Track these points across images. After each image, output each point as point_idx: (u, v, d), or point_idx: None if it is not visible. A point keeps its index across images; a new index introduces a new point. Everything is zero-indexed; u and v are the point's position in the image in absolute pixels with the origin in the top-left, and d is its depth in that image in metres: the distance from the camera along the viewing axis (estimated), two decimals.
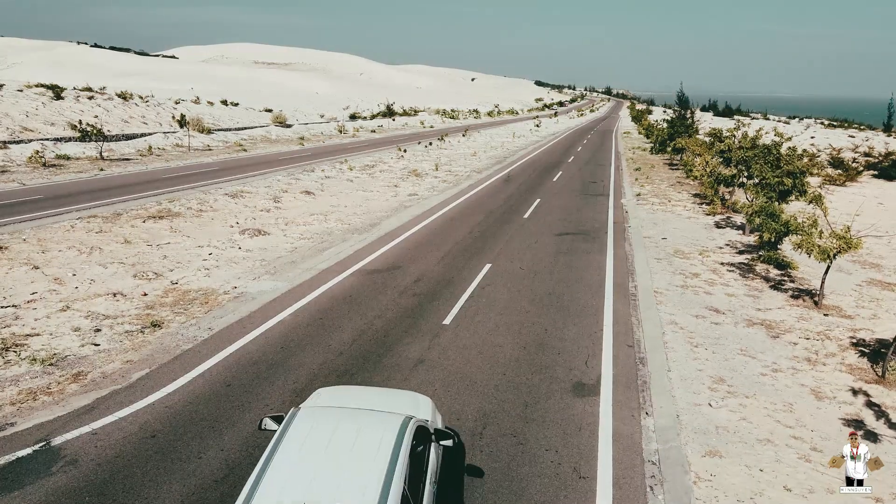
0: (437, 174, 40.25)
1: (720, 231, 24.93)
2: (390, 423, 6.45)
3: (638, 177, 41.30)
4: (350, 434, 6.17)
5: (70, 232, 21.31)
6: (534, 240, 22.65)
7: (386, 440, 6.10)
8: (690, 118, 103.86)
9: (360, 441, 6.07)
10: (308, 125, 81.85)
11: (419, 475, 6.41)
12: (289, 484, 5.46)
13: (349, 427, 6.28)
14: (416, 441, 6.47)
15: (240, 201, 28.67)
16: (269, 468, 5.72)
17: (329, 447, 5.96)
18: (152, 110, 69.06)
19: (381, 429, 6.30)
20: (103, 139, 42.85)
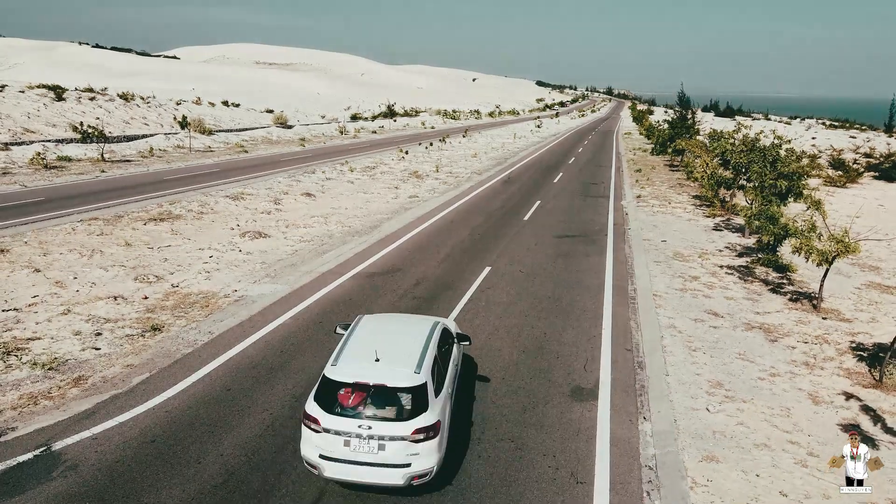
0: (437, 175, 40.31)
1: (720, 234, 24.96)
2: (425, 322, 9.94)
3: (638, 178, 41.33)
4: (399, 326, 9.87)
5: (71, 234, 21.38)
6: (533, 242, 22.70)
7: (422, 329, 9.43)
8: (691, 119, 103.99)
9: (405, 330, 9.55)
10: (309, 126, 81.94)
11: (446, 358, 9.47)
12: (363, 348, 8.63)
13: (398, 323, 10.09)
14: (442, 337, 9.55)
15: (240, 203, 28.74)
16: (349, 342, 8.93)
17: (386, 332, 9.38)
18: (154, 111, 69.22)
19: (420, 324, 9.73)
20: (104, 141, 42.90)
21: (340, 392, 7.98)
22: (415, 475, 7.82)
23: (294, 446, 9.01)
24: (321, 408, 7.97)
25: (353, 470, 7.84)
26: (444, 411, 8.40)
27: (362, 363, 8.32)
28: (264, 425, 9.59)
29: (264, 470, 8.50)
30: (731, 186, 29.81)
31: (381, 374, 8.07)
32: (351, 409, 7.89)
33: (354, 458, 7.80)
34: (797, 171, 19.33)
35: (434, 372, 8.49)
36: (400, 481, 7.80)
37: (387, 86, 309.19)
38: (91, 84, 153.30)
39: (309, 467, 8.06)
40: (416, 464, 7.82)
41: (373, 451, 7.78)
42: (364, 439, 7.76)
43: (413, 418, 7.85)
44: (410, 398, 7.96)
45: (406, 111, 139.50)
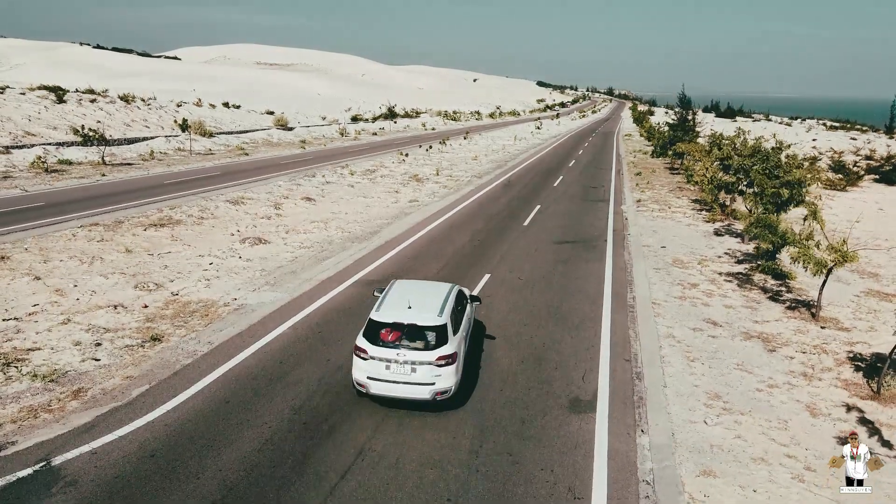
0: (437, 179, 40.35)
1: (719, 239, 24.98)
2: (445, 285, 12.53)
3: (639, 182, 41.35)
4: (425, 287, 12.43)
5: (71, 241, 21.42)
6: (533, 248, 22.73)
7: (443, 289, 12.11)
8: (692, 121, 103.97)
9: (430, 289, 12.14)
10: (310, 128, 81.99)
11: (461, 311, 12.12)
12: (399, 300, 11.25)
13: (424, 285, 12.62)
14: (458, 296, 12.25)
15: (241, 208, 28.78)
16: (388, 297, 11.59)
17: (415, 291, 11.90)
18: (154, 113, 69.25)
19: (441, 286, 12.35)
20: (105, 144, 42.95)
21: (382, 330, 10.70)
22: (438, 391, 10.41)
23: (293, 460, 9.07)
24: (368, 342, 10.65)
25: (392, 387, 10.44)
26: (459, 346, 11.09)
27: (398, 310, 11.00)
28: (263, 439, 9.62)
29: (263, 485, 8.53)
30: (731, 191, 29.84)
31: (413, 317, 10.77)
32: (390, 342, 10.59)
33: (393, 379, 10.41)
34: (799, 179, 19.31)
35: (452, 318, 11.12)
36: (427, 396, 10.40)
37: (387, 86, 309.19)
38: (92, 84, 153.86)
39: (358, 387, 10.70)
40: (439, 383, 10.42)
41: (406, 373, 10.40)
42: (400, 364, 10.39)
43: (437, 348, 10.50)
44: (435, 335, 10.62)
45: (407, 112, 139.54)
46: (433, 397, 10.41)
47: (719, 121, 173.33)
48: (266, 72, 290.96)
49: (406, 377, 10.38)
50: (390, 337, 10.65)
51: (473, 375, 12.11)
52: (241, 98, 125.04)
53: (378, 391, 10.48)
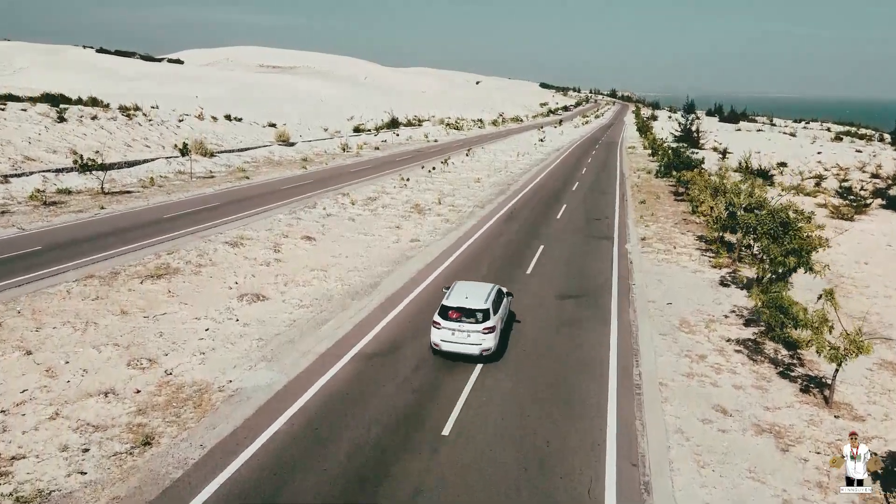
0: (439, 210, 39.89)
1: (726, 291, 24.48)
2: (489, 285, 18.23)
3: (643, 213, 40.85)
4: (476, 286, 18.00)
5: (66, 300, 21.02)
6: (537, 304, 22.28)
7: (488, 287, 17.91)
8: (696, 133, 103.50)
9: (479, 287, 17.90)
10: (311, 143, 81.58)
11: (500, 300, 17.87)
12: (459, 293, 17.32)
13: (476, 285, 18.14)
14: (498, 291, 18.06)
15: (239, 251, 28.36)
16: (452, 292, 17.67)
17: (470, 288, 17.75)
18: (155, 130, 68.85)
19: (486, 286, 18.00)
20: (104, 171, 42.57)
21: (450, 311, 16.84)
22: (483, 349, 16.56)
23: None
24: (441, 318, 16.84)
25: (455, 346, 16.63)
26: (497, 323, 17.13)
27: (460, 299, 17.23)
28: None
29: None
30: (735, 231, 29.38)
31: (469, 303, 16.98)
32: (454, 318, 16.66)
33: (456, 341, 16.55)
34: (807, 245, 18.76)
35: (493, 305, 17.25)
36: (476, 352, 16.53)
37: (390, 89, 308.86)
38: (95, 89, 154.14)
39: (434, 346, 16.98)
40: (484, 344, 16.54)
41: (464, 338, 16.50)
42: (460, 332, 16.50)
43: (483, 322, 16.58)
44: (482, 314, 16.73)
45: (409, 120, 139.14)
46: (480, 353, 16.70)
47: (723, 127, 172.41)
48: (268, 75, 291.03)
49: (464, 340, 16.63)
50: (454, 315, 16.88)
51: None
52: (243, 104, 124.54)
53: (446, 349, 16.85)
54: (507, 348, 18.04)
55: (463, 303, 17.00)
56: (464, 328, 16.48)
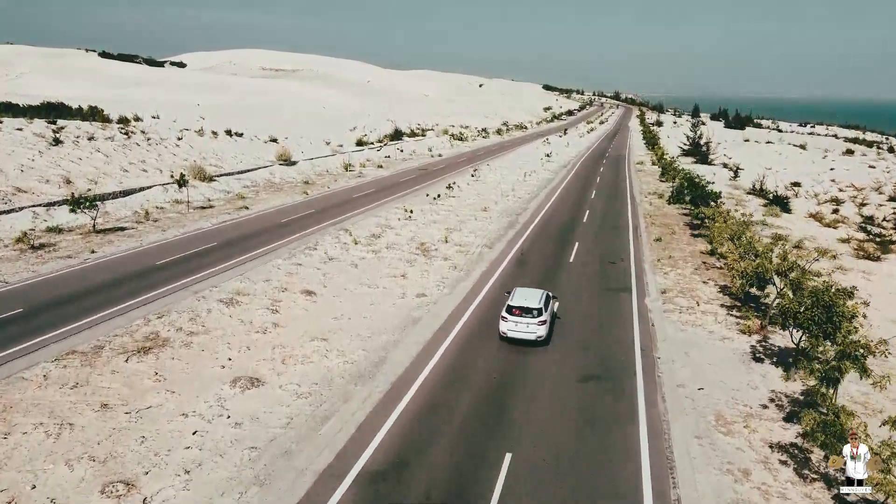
0: (446, 251, 38.03)
1: (759, 368, 22.57)
2: (541, 291, 25.13)
3: (659, 254, 38.93)
4: (532, 292, 24.82)
5: (42, 389, 19.24)
6: (556, 389, 20.44)
7: (541, 293, 24.79)
8: (705, 147, 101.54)
9: (534, 292, 24.88)
10: (313, 161, 79.88)
11: (548, 303, 24.64)
12: (519, 296, 24.27)
13: (531, 290, 25.07)
14: (548, 295, 25.21)
15: (235, 312, 26.57)
16: (514, 295, 24.55)
17: (527, 293, 24.72)
18: (153, 151, 67.14)
19: (539, 292, 24.85)
20: (95, 209, 40.80)
21: (514, 309, 23.21)
22: (537, 336, 22.98)
23: None
24: (507, 314, 23.33)
25: (517, 334, 23.10)
26: (548, 317, 23.71)
27: (520, 300, 23.60)
28: None
29: None
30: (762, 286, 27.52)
31: (527, 303, 23.37)
32: (516, 314, 23.06)
33: (518, 330, 23.06)
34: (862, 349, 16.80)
35: (544, 304, 23.63)
36: (533, 338, 22.98)
37: (393, 94, 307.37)
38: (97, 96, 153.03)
39: (501, 334, 23.50)
40: (538, 332, 22.97)
41: (525, 328, 22.98)
42: (521, 324, 22.92)
43: (538, 317, 22.97)
44: (537, 311, 23.09)
45: (413, 130, 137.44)
46: (536, 339, 23.12)
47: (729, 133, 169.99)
48: (270, 81, 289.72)
49: (524, 329, 23.06)
50: (516, 312, 23.28)
51: None
52: (245, 114, 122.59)
53: (511, 335, 23.27)
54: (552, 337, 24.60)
55: (522, 303, 23.77)
56: (524, 321, 23.25)
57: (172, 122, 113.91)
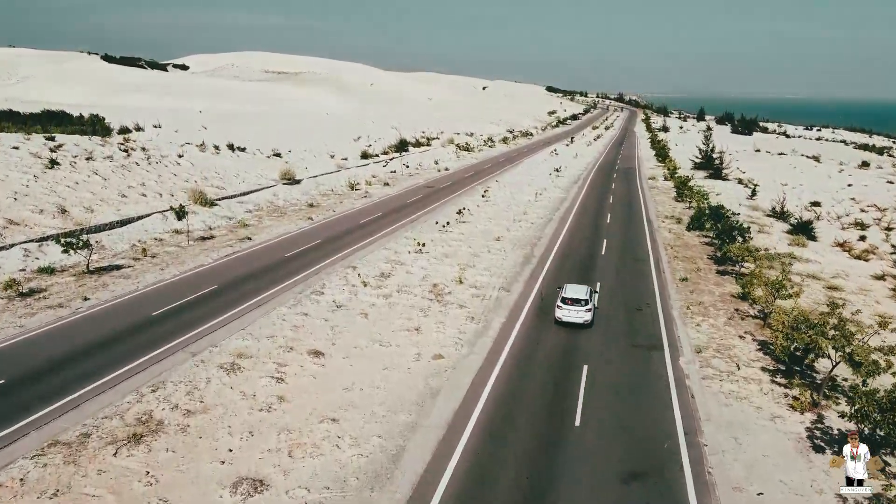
0: (461, 294, 35.76)
1: (821, 462, 20.24)
2: (586, 287, 32.88)
3: (687, 297, 36.61)
4: (579, 287, 32.60)
5: (17, 499, 17.03)
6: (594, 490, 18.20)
7: (586, 288, 32.56)
8: (719, 161, 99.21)
9: (581, 288, 32.43)
10: (318, 178, 77.81)
11: (592, 296, 32.42)
12: (570, 292, 31.84)
13: (579, 286, 32.79)
14: (590, 290, 32.61)
15: (236, 381, 24.39)
16: (566, 289, 32.22)
17: (576, 287, 32.54)
18: (154, 171, 65.09)
19: (584, 287, 32.64)
20: (89, 248, 38.57)
21: (566, 299, 31.17)
22: (585, 320, 30.57)
23: None
24: (562, 304, 31.08)
25: (569, 318, 30.68)
26: (592, 305, 31.38)
27: (571, 293, 31.41)
28: None
29: None
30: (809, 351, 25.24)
31: (576, 295, 31.20)
32: (568, 304, 30.82)
33: (569, 316, 30.65)
34: None
35: (589, 295, 31.48)
36: (581, 322, 30.53)
37: (396, 98, 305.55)
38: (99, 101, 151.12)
39: (556, 319, 31.04)
40: (585, 317, 30.59)
41: (575, 314, 30.60)
42: (572, 311, 30.57)
43: (584, 306, 30.67)
44: (584, 300, 30.87)
45: (418, 140, 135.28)
46: (584, 322, 30.19)
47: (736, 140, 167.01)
48: (273, 85, 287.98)
49: (574, 314, 30.22)
50: (569, 302, 30.49)
51: None
52: (247, 122, 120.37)
53: (565, 320, 30.38)
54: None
55: (573, 295, 31.27)
56: (574, 309, 30.65)
57: (174, 133, 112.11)
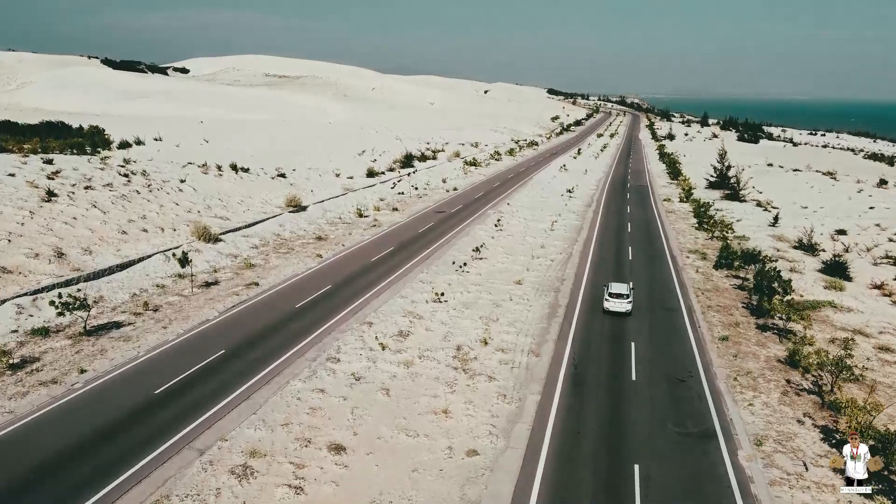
0: (488, 362, 33.10)
1: None
2: (627, 284, 43.75)
3: (730, 362, 33.88)
4: (621, 285, 43.00)
5: None
6: None
7: (627, 285, 43.39)
8: (736, 181, 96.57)
9: (622, 285, 42.99)
10: (324, 204, 75.27)
11: (631, 291, 42.77)
12: (614, 288, 42.42)
13: (620, 284, 43.41)
14: (630, 287, 43.52)
15: (249, 491, 21.77)
16: (611, 287, 42.70)
17: (617, 286, 42.72)
18: (154, 201, 62.52)
19: (626, 285, 43.49)
20: (86, 308, 35.87)
21: (611, 293, 41.78)
22: (626, 309, 40.91)
23: None
24: (609, 297, 41.58)
25: (614, 308, 41.03)
26: (631, 298, 41.68)
27: (615, 289, 41.97)
28: None
29: None
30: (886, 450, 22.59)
31: (619, 291, 41.76)
32: (613, 297, 41.37)
33: (614, 306, 41.00)
34: None
35: (630, 290, 42.40)
36: (623, 311, 40.91)
37: (398, 104, 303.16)
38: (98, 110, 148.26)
39: (605, 309, 41.26)
40: (627, 308, 40.96)
41: (619, 304, 40.96)
42: (616, 303, 41.08)
43: (626, 299, 41.20)
44: (625, 294, 41.53)
45: (423, 153, 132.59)
46: (626, 311, 40.83)
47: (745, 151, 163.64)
48: (275, 91, 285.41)
49: (618, 304, 40.88)
50: (614, 295, 41.32)
51: None
52: (249, 130, 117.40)
53: (611, 310, 40.99)
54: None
55: (616, 291, 41.40)
56: (618, 301, 40.67)
57: (175, 148, 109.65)
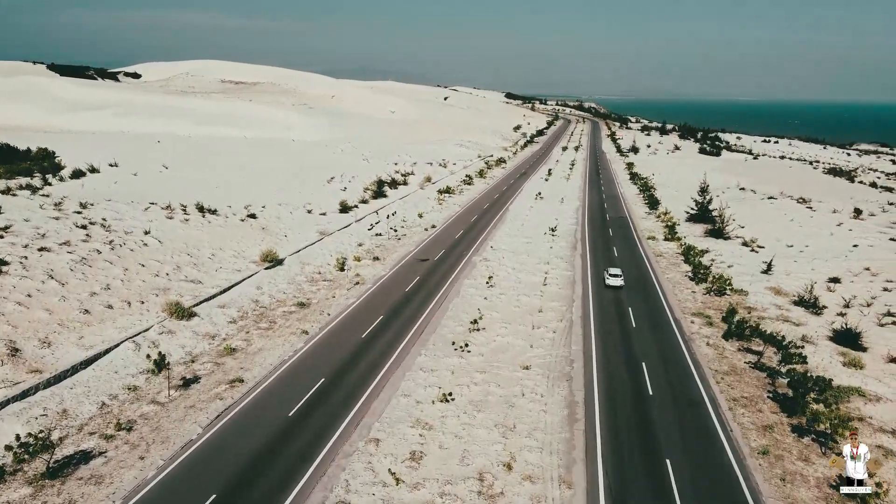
0: (515, 495, 29.62)
1: None
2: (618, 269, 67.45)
3: (784, 495, 31.12)
4: (616, 269, 67.22)
5: None
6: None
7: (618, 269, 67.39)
8: (720, 219, 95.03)
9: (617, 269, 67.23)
10: (300, 254, 70.94)
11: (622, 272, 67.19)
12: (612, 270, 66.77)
13: (615, 268, 67.66)
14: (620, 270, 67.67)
15: None
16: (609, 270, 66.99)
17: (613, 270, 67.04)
18: (118, 265, 57.44)
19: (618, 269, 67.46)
20: (50, 449, 31.00)
21: (610, 273, 65.82)
22: (620, 284, 64.28)
23: None
24: (608, 275, 65.40)
25: (612, 283, 64.21)
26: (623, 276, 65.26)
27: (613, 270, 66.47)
28: None
29: None
30: None
31: (615, 272, 65.57)
32: (611, 275, 65.08)
33: (613, 282, 64.25)
34: None
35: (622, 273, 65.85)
36: (618, 285, 63.93)
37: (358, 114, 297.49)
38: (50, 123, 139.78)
39: (606, 285, 64.45)
40: (620, 283, 64.14)
41: (615, 280, 64.36)
42: (613, 278, 64.59)
43: (620, 277, 64.69)
44: (620, 273, 65.42)
45: (393, 179, 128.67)
46: (619, 285, 63.83)
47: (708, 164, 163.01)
48: (233, 100, 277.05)
49: (615, 280, 64.07)
50: (611, 274, 64.97)
51: None
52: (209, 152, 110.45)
53: (610, 284, 63.98)
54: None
55: (613, 272, 65.33)
56: (615, 277, 64.27)
57: (133, 177, 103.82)
